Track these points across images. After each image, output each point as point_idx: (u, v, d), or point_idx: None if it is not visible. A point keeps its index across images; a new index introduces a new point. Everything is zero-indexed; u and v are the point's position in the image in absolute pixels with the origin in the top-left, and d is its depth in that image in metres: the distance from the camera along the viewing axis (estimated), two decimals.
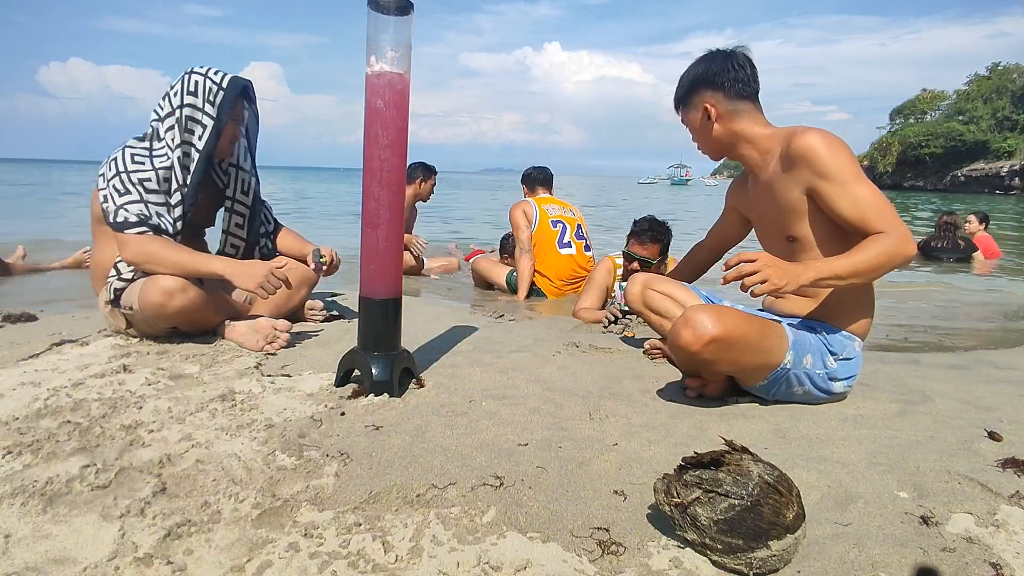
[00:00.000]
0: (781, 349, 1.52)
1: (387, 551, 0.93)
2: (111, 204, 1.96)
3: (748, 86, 1.63)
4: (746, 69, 1.62)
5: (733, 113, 1.63)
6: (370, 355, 1.60)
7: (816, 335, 1.59)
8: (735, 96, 1.62)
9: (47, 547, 0.92)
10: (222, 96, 2.03)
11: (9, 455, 1.17)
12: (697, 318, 1.45)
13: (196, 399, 1.51)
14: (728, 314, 1.47)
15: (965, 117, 52.75)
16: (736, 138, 1.65)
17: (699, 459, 0.98)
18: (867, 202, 1.44)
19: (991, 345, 2.71)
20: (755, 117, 1.64)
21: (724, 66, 1.62)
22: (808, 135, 1.49)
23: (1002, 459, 1.30)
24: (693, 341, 1.44)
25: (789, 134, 1.54)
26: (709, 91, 1.64)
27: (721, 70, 1.62)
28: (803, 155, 1.48)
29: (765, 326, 1.52)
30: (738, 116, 1.63)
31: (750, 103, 1.64)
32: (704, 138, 1.71)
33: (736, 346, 1.46)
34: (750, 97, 1.64)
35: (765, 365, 1.53)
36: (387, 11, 1.48)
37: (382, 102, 1.51)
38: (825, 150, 1.46)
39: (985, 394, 1.80)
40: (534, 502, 1.08)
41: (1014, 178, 44.45)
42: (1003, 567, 0.94)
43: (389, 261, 1.60)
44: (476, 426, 1.42)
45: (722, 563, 0.92)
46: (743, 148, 1.66)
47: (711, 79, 1.63)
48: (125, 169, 1.98)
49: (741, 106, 1.63)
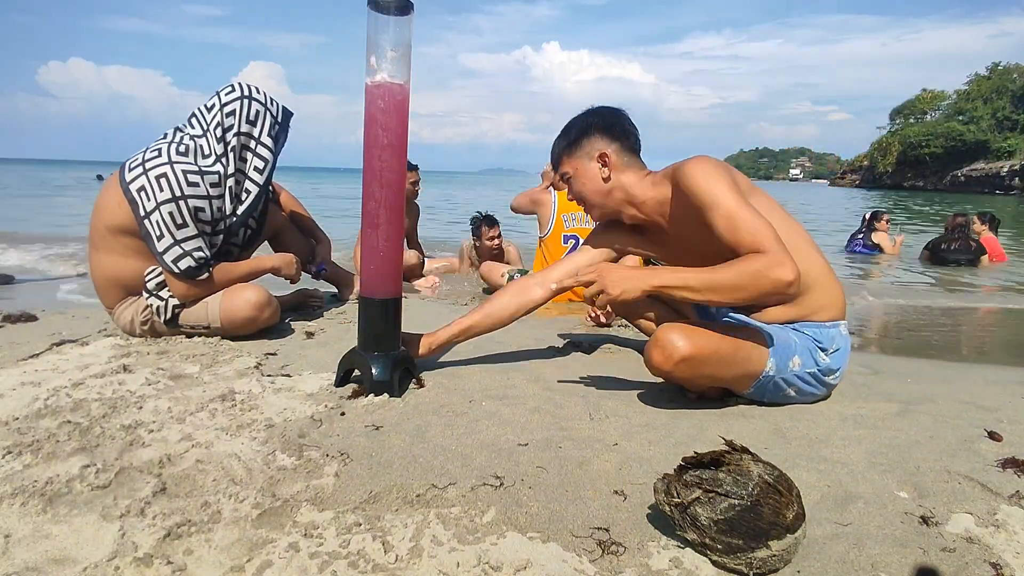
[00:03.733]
0: (760, 358, 1.49)
1: (387, 551, 0.93)
2: (167, 238, 1.92)
3: (637, 142, 1.63)
4: (635, 127, 1.63)
5: (625, 166, 1.61)
6: (370, 355, 1.60)
7: (801, 335, 1.57)
8: (627, 150, 1.61)
9: (47, 547, 0.92)
10: (279, 131, 2.04)
11: (9, 455, 1.17)
12: (666, 337, 1.42)
13: (196, 399, 1.51)
14: (698, 332, 1.44)
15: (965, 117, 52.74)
16: (631, 191, 1.61)
17: (699, 459, 0.98)
18: (740, 221, 1.38)
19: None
20: (642, 169, 1.63)
21: (618, 119, 1.62)
22: (685, 166, 1.47)
23: (1002, 459, 1.30)
24: (663, 361, 1.42)
25: (670, 173, 1.53)
26: (605, 138, 1.61)
27: (616, 122, 1.61)
28: (681, 183, 1.47)
29: (739, 338, 1.48)
30: (629, 169, 1.61)
31: (638, 159, 1.63)
32: (593, 188, 1.63)
33: (708, 362, 1.44)
34: (638, 152, 1.64)
35: (745, 375, 1.51)
36: (387, 11, 1.48)
37: (382, 103, 1.51)
38: (693, 175, 1.44)
39: (985, 394, 1.80)
40: (534, 502, 1.08)
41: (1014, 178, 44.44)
42: (1003, 567, 0.94)
43: (389, 261, 1.60)
44: (476, 426, 1.42)
45: (722, 563, 0.92)
46: (639, 202, 1.61)
47: (607, 128, 1.61)
48: (183, 194, 1.91)
49: (632, 160, 1.62)
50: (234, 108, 2.00)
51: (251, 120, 2.01)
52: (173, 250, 1.93)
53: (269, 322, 2.13)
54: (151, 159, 1.93)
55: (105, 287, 2.06)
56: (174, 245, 1.93)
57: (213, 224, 2.01)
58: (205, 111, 2.03)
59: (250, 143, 2.02)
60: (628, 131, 1.62)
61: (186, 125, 2.05)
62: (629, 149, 1.62)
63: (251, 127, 2.01)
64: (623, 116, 1.63)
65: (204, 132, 2.00)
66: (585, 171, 1.63)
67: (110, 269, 2.02)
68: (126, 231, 1.96)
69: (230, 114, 2.00)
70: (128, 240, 1.97)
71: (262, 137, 2.02)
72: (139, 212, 1.90)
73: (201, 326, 2.06)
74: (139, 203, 1.90)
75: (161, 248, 1.92)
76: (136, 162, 1.94)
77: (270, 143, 2.04)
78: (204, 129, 2.01)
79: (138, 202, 1.90)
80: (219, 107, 2.01)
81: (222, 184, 1.99)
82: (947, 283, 5.03)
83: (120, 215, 1.94)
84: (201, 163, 1.97)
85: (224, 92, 2.05)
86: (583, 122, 1.63)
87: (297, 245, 2.52)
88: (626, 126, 1.62)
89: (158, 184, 1.89)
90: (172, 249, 1.93)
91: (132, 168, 1.93)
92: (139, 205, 1.90)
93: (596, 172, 1.61)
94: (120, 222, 1.95)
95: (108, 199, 1.96)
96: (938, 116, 57.79)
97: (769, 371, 1.51)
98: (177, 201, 1.90)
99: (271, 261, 2.26)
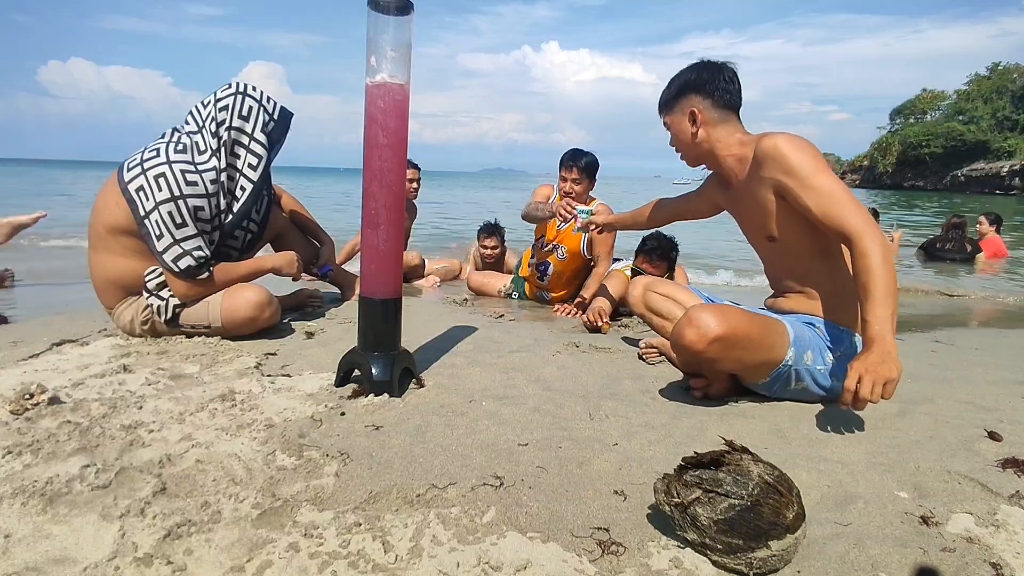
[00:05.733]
0: (783, 346, 1.53)
1: (387, 551, 0.93)
2: (167, 238, 1.91)
3: (734, 98, 1.69)
4: (734, 83, 1.69)
5: (717, 121, 1.68)
6: (370, 355, 1.60)
7: (814, 330, 1.60)
8: (721, 105, 1.67)
9: (47, 547, 0.92)
10: (274, 127, 2.01)
11: (9, 455, 1.17)
12: (701, 317, 1.46)
13: (196, 399, 1.51)
14: (731, 312, 1.48)
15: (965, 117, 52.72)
16: (716, 145, 1.70)
17: (699, 459, 0.98)
18: (832, 195, 1.46)
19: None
20: (736, 126, 1.69)
21: (714, 76, 1.67)
22: (774, 136, 1.55)
23: (1002, 459, 1.30)
24: (697, 340, 1.45)
25: (758, 138, 1.60)
26: (698, 96, 1.69)
27: (711, 79, 1.67)
28: (770, 155, 1.54)
29: (767, 323, 1.53)
30: (721, 124, 1.68)
31: (733, 114, 1.69)
32: (686, 143, 1.75)
33: (740, 344, 1.47)
34: (734, 109, 1.70)
35: (767, 362, 1.54)
36: (387, 11, 1.48)
37: (382, 103, 1.51)
38: (789, 148, 1.51)
39: (985, 394, 1.80)
40: (534, 502, 1.08)
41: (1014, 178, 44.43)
42: (1003, 567, 0.94)
43: (389, 261, 1.60)
44: (476, 426, 1.42)
45: (722, 563, 0.92)
46: (721, 156, 1.71)
47: (701, 86, 1.68)
48: (181, 194, 1.90)
49: (726, 116, 1.68)
50: (227, 103, 2.00)
51: (243, 116, 2.00)
52: (173, 249, 1.93)
53: (269, 322, 2.13)
54: (149, 159, 1.93)
55: (104, 287, 2.06)
56: (174, 244, 1.92)
57: (212, 222, 2.01)
58: (201, 108, 2.03)
59: (242, 138, 2.00)
60: (724, 88, 1.67)
61: (184, 124, 2.05)
62: (724, 105, 1.67)
63: (243, 122, 2.00)
64: (723, 73, 1.68)
65: (199, 128, 2.00)
66: (678, 125, 1.74)
67: (109, 269, 2.02)
68: (125, 231, 1.95)
69: (223, 109, 1.99)
70: (127, 240, 1.97)
71: (255, 133, 2.00)
72: (138, 212, 1.90)
73: (202, 326, 2.06)
74: (138, 203, 1.90)
75: (161, 248, 1.92)
76: (135, 162, 1.94)
77: (263, 139, 2.02)
78: (199, 126, 2.00)
79: (137, 202, 1.90)
80: (213, 103, 2.01)
81: (219, 180, 1.98)
82: (945, 282, 5.04)
83: (119, 215, 1.94)
84: (198, 160, 1.96)
85: (220, 89, 2.06)
86: (683, 79, 1.72)
87: (299, 247, 2.52)
88: (723, 83, 1.67)
89: (156, 184, 1.89)
90: (172, 248, 1.93)
91: (130, 168, 1.93)
92: (138, 205, 1.90)
93: (687, 127, 1.71)
94: (119, 222, 1.94)
95: (107, 199, 1.96)
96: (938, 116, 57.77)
97: (788, 360, 1.54)
98: (176, 201, 1.90)
99: (272, 261, 2.26)
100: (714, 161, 1.75)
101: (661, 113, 1.82)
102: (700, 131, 1.70)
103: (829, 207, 1.46)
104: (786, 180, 1.51)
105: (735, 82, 1.69)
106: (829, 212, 1.46)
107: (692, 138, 1.72)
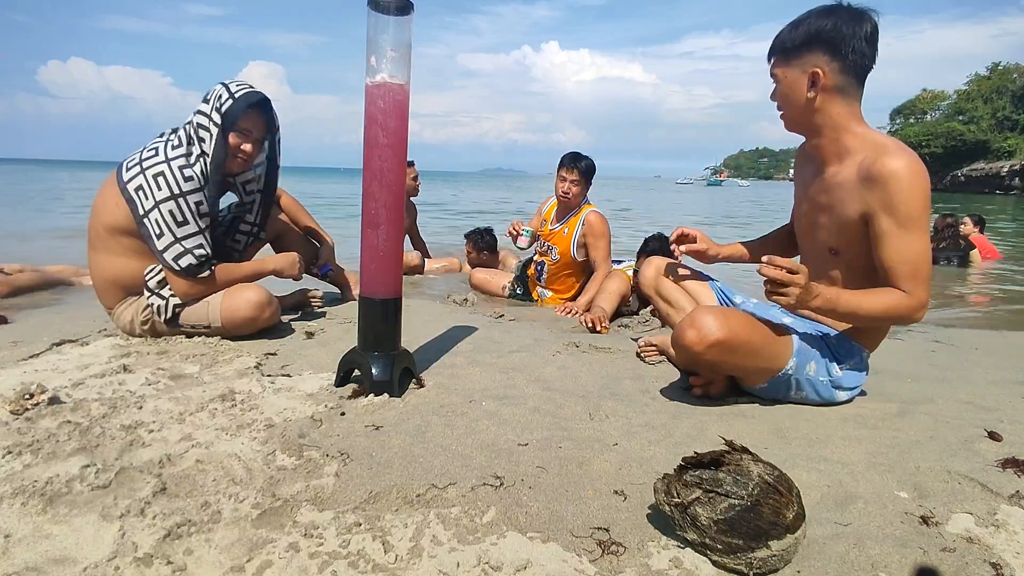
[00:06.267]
0: (785, 354, 1.51)
1: (387, 551, 0.93)
2: (168, 236, 1.91)
3: (868, 63, 1.42)
4: (873, 43, 1.41)
5: (839, 91, 1.43)
6: (370, 355, 1.60)
7: (824, 342, 1.58)
8: (850, 71, 1.42)
9: (47, 547, 0.92)
10: (230, 104, 1.97)
11: (9, 455, 1.17)
12: (703, 320, 1.44)
13: (196, 399, 1.51)
14: (734, 317, 1.46)
15: (965, 117, 52.74)
16: (827, 120, 1.46)
17: (699, 459, 0.98)
18: (908, 257, 1.36)
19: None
20: (855, 108, 1.46)
21: (854, 31, 1.39)
22: (899, 159, 1.35)
23: (1002, 459, 1.30)
24: (697, 342, 1.44)
25: (880, 148, 1.40)
26: (827, 55, 1.41)
27: (850, 35, 1.39)
28: (884, 179, 1.35)
29: (771, 331, 1.51)
30: (842, 96, 1.43)
31: (859, 85, 1.45)
32: (794, 103, 1.49)
33: (740, 350, 1.46)
34: (862, 77, 1.44)
35: (767, 369, 1.53)
36: (387, 11, 1.48)
37: (382, 103, 1.51)
38: (907, 185, 1.33)
39: (985, 394, 1.80)
40: (534, 502, 1.08)
41: (1014, 178, 44.43)
42: (1003, 567, 0.94)
43: (389, 261, 1.60)
44: (476, 426, 1.42)
45: (722, 563, 0.92)
46: (826, 135, 1.48)
47: (836, 42, 1.39)
48: (181, 191, 1.90)
49: (850, 85, 1.43)
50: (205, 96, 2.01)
51: (206, 99, 1.99)
52: (174, 248, 1.93)
53: (269, 322, 2.13)
54: (148, 158, 1.93)
55: (104, 287, 2.06)
56: (175, 243, 1.92)
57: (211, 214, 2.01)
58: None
59: (204, 120, 1.97)
60: (859, 50, 1.40)
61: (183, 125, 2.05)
62: (853, 70, 1.42)
63: (204, 104, 1.98)
64: (863, 27, 1.39)
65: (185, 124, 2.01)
66: (792, 83, 1.47)
67: (109, 269, 2.02)
68: (125, 231, 1.95)
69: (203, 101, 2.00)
70: (127, 240, 1.97)
71: (212, 114, 1.96)
72: (138, 211, 1.90)
73: (202, 325, 2.06)
74: (137, 202, 1.90)
75: (161, 246, 1.92)
76: (133, 161, 1.94)
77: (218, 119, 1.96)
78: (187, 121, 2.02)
79: (136, 201, 1.90)
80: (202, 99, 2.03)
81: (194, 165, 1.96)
82: (943, 282, 5.04)
83: (118, 215, 1.94)
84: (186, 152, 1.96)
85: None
86: (815, 26, 1.42)
87: (299, 248, 2.51)
88: (859, 43, 1.39)
89: (156, 183, 1.89)
90: (173, 247, 1.93)
91: (129, 168, 1.93)
92: (137, 204, 1.90)
93: (803, 88, 1.45)
94: (119, 222, 1.94)
95: (106, 199, 1.96)
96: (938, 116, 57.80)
97: (789, 369, 1.53)
98: (176, 199, 1.90)
99: (273, 263, 2.26)
100: (817, 135, 1.50)
101: (772, 59, 1.52)
102: (819, 96, 1.44)
103: (899, 264, 1.37)
104: (882, 213, 1.37)
105: (874, 42, 1.40)
106: (896, 268, 1.38)
107: (806, 102, 1.46)
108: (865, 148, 1.43)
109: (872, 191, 1.38)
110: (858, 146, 1.44)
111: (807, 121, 1.50)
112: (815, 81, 1.43)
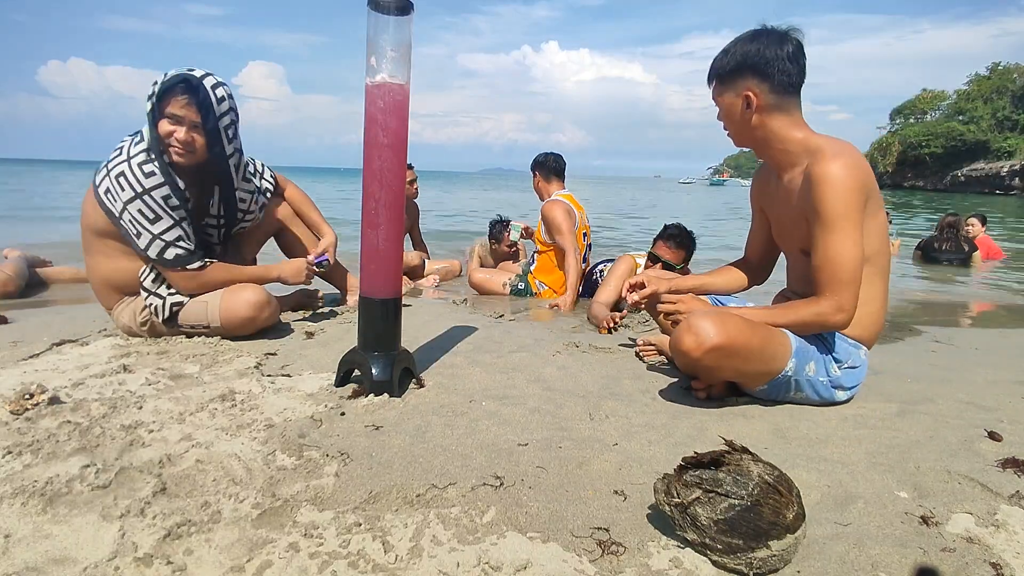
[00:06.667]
0: (783, 356, 1.51)
1: (387, 551, 0.93)
2: (145, 234, 1.89)
3: (796, 79, 1.50)
4: (797, 61, 1.49)
5: (774, 108, 1.51)
6: (370, 355, 1.60)
7: (822, 342, 1.58)
8: (780, 90, 1.50)
9: (47, 547, 0.92)
10: (154, 89, 1.87)
11: (9, 455, 1.17)
12: (700, 324, 1.44)
13: (196, 399, 1.51)
14: (731, 321, 1.45)
15: (965, 117, 52.72)
16: (769, 135, 1.55)
17: (699, 459, 0.98)
18: (830, 258, 1.42)
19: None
20: (794, 117, 1.53)
21: (776, 54, 1.47)
22: (828, 163, 1.41)
23: (1002, 459, 1.30)
24: (695, 347, 1.44)
25: (816, 153, 1.47)
26: (756, 79, 1.50)
27: (774, 58, 1.47)
28: (813, 183, 1.43)
29: (768, 333, 1.50)
30: (778, 112, 1.52)
31: (793, 99, 1.52)
32: (736, 124, 1.59)
33: (738, 354, 1.46)
34: (795, 92, 1.52)
35: (766, 372, 1.53)
36: (387, 11, 1.48)
37: (382, 103, 1.51)
38: (830, 188, 1.40)
39: (985, 394, 1.80)
40: (534, 502, 1.08)
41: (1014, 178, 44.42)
42: (1003, 567, 0.94)
43: (389, 261, 1.60)
44: (476, 426, 1.42)
45: (722, 563, 0.92)
46: (773, 147, 1.57)
47: (761, 66, 1.49)
48: (144, 189, 1.86)
49: (784, 101, 1.51)
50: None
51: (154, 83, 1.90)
52: (155, 244, 1.92)
53: (268, 322, 2.13)
54: (113, 158, 1.91)
55: (101, 289, 2.07)
56: (154, 239, 1.91)
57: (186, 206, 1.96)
58: None
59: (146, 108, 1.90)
60: (784, 70, 1.48)
61: None
62: (784, 88, 1.49)
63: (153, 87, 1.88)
64: (785, 48, 1.47)
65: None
66: (730, 106, 1.57)
67: (103, 271, 2.03)
68: (107, 234, 1.95)
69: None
70: (112, 242, 1.96)
71: (146, 103, 1.89)
72: (113, 215, 1.89)
73: (201, 325, 2.06)
74: (108, 206, 1.89)
75: (143, 245, 1.92)
76: (103, 163, 1.93)
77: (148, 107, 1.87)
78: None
79: (107, 204, 1.89)
80: None
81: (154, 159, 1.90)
82: (943, 282, 5.04)
83: (97, 219, 1.93)
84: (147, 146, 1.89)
85: None
86: (741, 52, 1.51)
87: (302, 240, 2.49)
88: (783, 64, 1.47)
89: (119, 184, 1.87)
90: (154, 244, 1.92)
91: (100, 170, 1.92)
92: (110, 208, 1.89)
93: (739, 110, 1.55)
94: (99, 226, 1.94)
95: (86, 203, 1.96)
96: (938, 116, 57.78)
97: (788, 371, 1.53)
98: (141, 197, 1.87)
99: (278, 270, 2.25)
100: (765, 148, 1.59)
101: (711, 84, 1.61)
102: (754, 117, 1.53)
103: (821, 265, 1.44)
104: (812, 216, 1.44)
105: (799, 60, 1.49)
106: (818, 269, 1.45)
107: (745, 122, 1.55)
108: (808, 153, 1.51)
109: (808, 195, 1.46)
110: (801, 152, 1.53)
111: (751, 137, 1.60)
112: (749, 103, 1.53)
